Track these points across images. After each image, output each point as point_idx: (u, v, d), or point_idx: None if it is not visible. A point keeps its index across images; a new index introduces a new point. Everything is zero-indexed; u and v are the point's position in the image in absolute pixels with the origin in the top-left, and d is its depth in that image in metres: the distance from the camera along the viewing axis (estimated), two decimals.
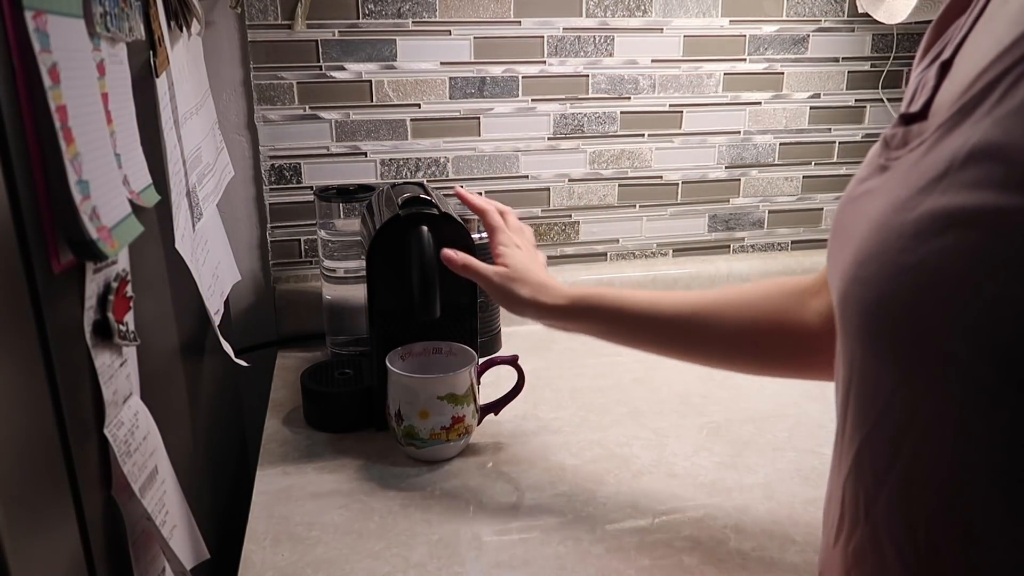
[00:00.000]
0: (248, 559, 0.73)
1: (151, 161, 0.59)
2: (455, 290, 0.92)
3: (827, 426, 0.97)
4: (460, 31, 1.16)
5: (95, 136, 0.46)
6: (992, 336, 0.34)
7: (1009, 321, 0.33)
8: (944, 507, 0.38)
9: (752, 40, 1.26)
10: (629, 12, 1.20)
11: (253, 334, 1.19)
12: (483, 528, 0.77)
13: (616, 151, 1.27)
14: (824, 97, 1.31)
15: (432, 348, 0.93)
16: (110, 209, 0.46)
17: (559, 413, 1.00)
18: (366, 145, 1.19)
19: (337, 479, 0.85)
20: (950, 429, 0.37)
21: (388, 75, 1.16)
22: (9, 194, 0.38)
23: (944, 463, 0.38)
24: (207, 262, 0.85)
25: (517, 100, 1.21)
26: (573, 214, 1.29)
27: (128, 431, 0.52)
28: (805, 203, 1.36)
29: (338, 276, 1.08)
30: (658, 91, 1.25)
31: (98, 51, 0.49)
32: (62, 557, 0.44)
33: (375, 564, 0.72)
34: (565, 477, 0.86)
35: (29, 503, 0.40)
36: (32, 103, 0.40)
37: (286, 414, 0.99)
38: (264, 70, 1.13)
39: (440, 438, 0.86)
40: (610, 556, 0.73)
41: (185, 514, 0.62)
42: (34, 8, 0.39)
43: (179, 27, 0.77)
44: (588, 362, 1.14)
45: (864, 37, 1.29)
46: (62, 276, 0.44)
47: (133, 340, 0.52)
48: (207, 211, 0.87)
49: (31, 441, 0.41)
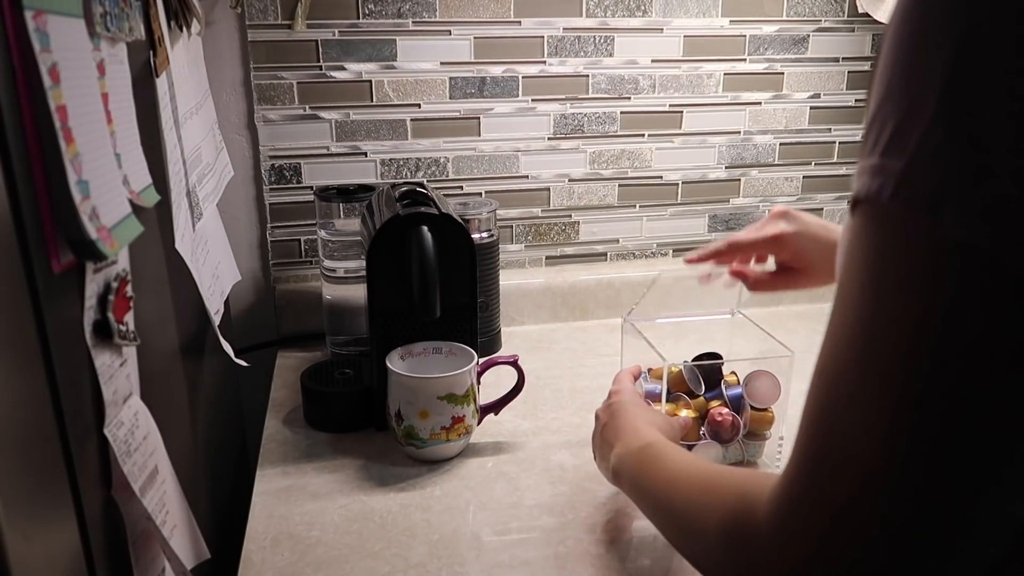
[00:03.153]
0: (248, 559, 0.73)
1: (151, 161, 0.59)
2: (455, 290, 0.92)
3: None
4: (460, 31, 1.16)
5: (95, 136, 0.46)
6: None
7: None
8: None
9: (752, 40, 1.26)
10: (629, 12, 1.20)
11: (253, 334, 1.19)
12: (483, 528, 0.77)
13: (616, 151, 1.27)
14: (824, 97, 1.31)
15: (432, 348, 0.93)
16: (110, 209, 0.46)
17: (559, 413, 1.00)
18: (366, 145, 1.19)
19: (337, 479, 0.85)
20: None
21: (388, 75, 1.16)
22: (9, 194, 0.38)
23: None
24: (207, 262, 0.85)
25: (517, 100, 1.21)
26: (573, 214, 1.29)
27: (128, 431, 0.52)
28: (805, 203, 1.36)
29: (338, 276, 1.08)
30: (658, 91, 1.25)
31: (98, 51, 0.49)
32: (62, 557, 0.44)
33: (375, 564, 0.72)
34: (565, 477, 0.86)
35: (29, 503, 0.40)
36: (32, 103, 0.40)
37: (286, 414, 0.99)
38: (264, 70, 1.13)
39: (440, 438, 0.86)
40: (610, 556, 0.73)
41: (185, 514, 0.62)
42: (34, 8, 0.39)
43: (179, 27, 0.77)
44: (588, 362, 1.14)
45: (864, 37, 1.29)
46: (62, 276, 0.44)
47: (133, 340, 0.52)
48: (207, 211, 0.87)
49: (31, 441, 0.41)
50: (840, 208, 1.37)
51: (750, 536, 0.44)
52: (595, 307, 1.27)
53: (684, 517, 0.55)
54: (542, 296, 1.26)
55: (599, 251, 1.32)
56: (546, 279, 1.26)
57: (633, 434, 0.70)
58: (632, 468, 0.67)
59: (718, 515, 0.48)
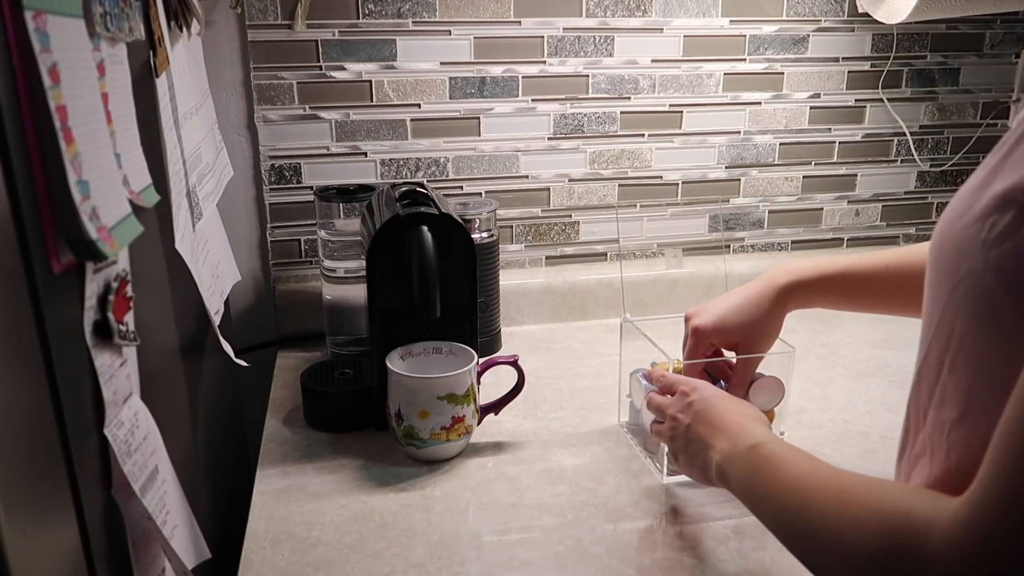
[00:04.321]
0: (248, 559, 0.73)
1: (151, 161, 0.59)
2: (455, 290, 0.92)
3: (826, 426, 0.97)
4: (460, 31, 1.16)
5: (95, 136, 0.46)
6: None
7: None
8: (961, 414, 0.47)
9: (752, 40, 1.26)
10: (629, 12, 1.20)
11: (253, 334, 1.19)
12: (483, 528, 0.77)
13: (616, 151, 1.27)
14: (824, 97, 1.31)
15: (432, 348, 0.93)
16: (110, 209, 0.46)
17: (559, 413, 1.00)
18: (366, 145, 1.19)
19: (337, 479, 0.85)
20: (970, 342, 0.46)
21: (388, 75, 1.16)
22: (9, 194, 0.38)
23: (964, 374, 0.46)
24: (207, 262, 0.85)
25: (517, 100, 1.21)
26: (573, 214, 1.29)
27: (128, 431, 0.52)
28: (805, 203, 1.36)
29: (338, 276, 1.08)
30: (658, 91, 1.25)
31: (98, 51, 0.49)
32: (62, 557, 0.44)
33: (375, 564, 0.72)
34: (565, 477, 0.86)
35: (29, 503, 0.40)
36: (32, 103, 0.40)
37: (286, 414, 0.99)
38: (264, 70, 1.13)
39: (440, 438, 0.86)
40: (610, 556, 0.73)
41: (186, 514, 0.62)
42: (34, 8, 0.39)
43: (179, 27, 0.77)
44: (588, 362, 1.14)
45: (864, 37, 1.29)
46: (62, 276, 0.44)
47: (133, 340, 0.52)
48: (207, 211, 0.87)
49: (31, 441, 0.41)
50: (840, 208, 1.37)
51: (919, 560, 0.42)
52: (595, 307, 1.27)
53: (823, 530, 0.51)
54: (542, 296, 1.26)
55: (599, 251, 1.32)
56: (546, 279, 1.26)
57: (737, 430, 0.67)
58: (743, 469, 0.63)
59: (873, 533, 0.46)
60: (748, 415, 0.70)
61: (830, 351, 1.17)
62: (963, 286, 0.46)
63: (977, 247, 0.44)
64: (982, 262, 0.44)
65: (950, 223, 0.48)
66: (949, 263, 0.47)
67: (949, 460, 0.48)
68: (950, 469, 0.48)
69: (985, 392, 0.45)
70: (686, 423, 0.73)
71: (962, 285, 0.46)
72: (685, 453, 0.73)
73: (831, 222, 1.39)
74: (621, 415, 0.96)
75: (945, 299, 0.48)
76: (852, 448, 0.91)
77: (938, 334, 0.50)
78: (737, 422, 0.68)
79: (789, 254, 1.38)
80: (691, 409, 0.73)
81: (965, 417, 0.47)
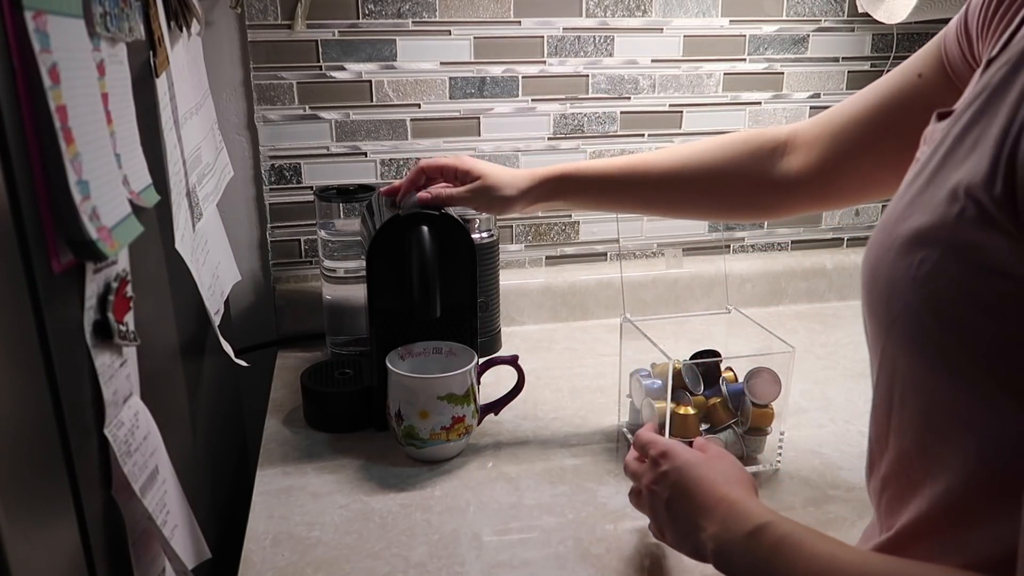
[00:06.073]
0: (248, 559, 0.73)
1: (151, 161, 0.59)
2: (455, 290, 0.92)
3: (826, 426, 0.97)
4: (460, 31, 1.16)
5: (95, 136, 0.46)
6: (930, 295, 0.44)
7: None
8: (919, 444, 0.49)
9: (752, 40, 1.26)
10: (629, 12, 1.20)
11: (253, 334, 1.19)
12: (483, 528, 0.77)
13: (616, 151, 1.27)
14: (824, 97, 1.31)
15: (432, 348, 0.93)
16: (110, 209, 0.46)
17: (559, 413, 1.00)
18: (366, 145, 1.19)
19: (337, 479, 0.85)
20: (918, 379, 0.47)
21: (388, 75, 1.16)
22: (9, 194, 0.38)
23: (915, 408, 0.48)
24: (207, 262, 0.85)
25: (517, 100, 1.21)
26: (573, 214, 1.29)
27: (128, 431, 0.52)
28: None
29: (338, 276, 1.08)
30: (658, 91, 1.25)
31: (98, 51, 0.49)
32: (62, 557, 0.44)
33: (375, 564, 0.72)
34: (565, 477, 0.86)
35: (29, 503, 0.40)
36: (32, 103, 0.40)
37: (286, 414, 0.99)
38: (264, 70, 1.13)
39: (440, 438, 0.86)
40: (610, 556, 0.73)
41: (186, 514, 0.62)
42: (34, 8, 0.39)
43: (179, 27, 0.77)
44: (588, 362, 1.14)
45: (864, 37, 1.29)
46: (62, 276, 0.44)
47: (133, 340, 0.52)
48: (207, 211, 0.87)
49: (31, 441, 0.41)
50: None
51: None
52: (595, 307, 1.28)
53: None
54: (542, 296, 1.26)
55: (599, 251, 1.32)
56: (546, 279, 1.26)
57: (726, 509, 0.58)
58: (747, 558, 0.54)
59: None
60: (731, 481, 0.62)
61: (830, 351, 1.17)
62: (899, 323, 0.47)
63: (908, 284, 0.45)
64: (916, 299, 0.45)
65: (879, 256, 0.49)
66: (884, 297, 0.48)
67: (919, 491, 0.49)
68: (921, 507, 0.49)
69: (938, 424, 0.47)
70: (665, 497, 0.65)
71: (898, 321, 0.47)
72: (672, 532, 0.64)
73: (831, 222, 1.39)
74: (621, 415, 0.96)
75: (884, 335, 0.49)
76: (852, 448, 0.91)
77: (883, 369, 0.51)
78: (724, 497, 0.60)
79: (789, 254, 1.38)
80: (667, 480, 0.65)
81: (925, 451, 0.48)
